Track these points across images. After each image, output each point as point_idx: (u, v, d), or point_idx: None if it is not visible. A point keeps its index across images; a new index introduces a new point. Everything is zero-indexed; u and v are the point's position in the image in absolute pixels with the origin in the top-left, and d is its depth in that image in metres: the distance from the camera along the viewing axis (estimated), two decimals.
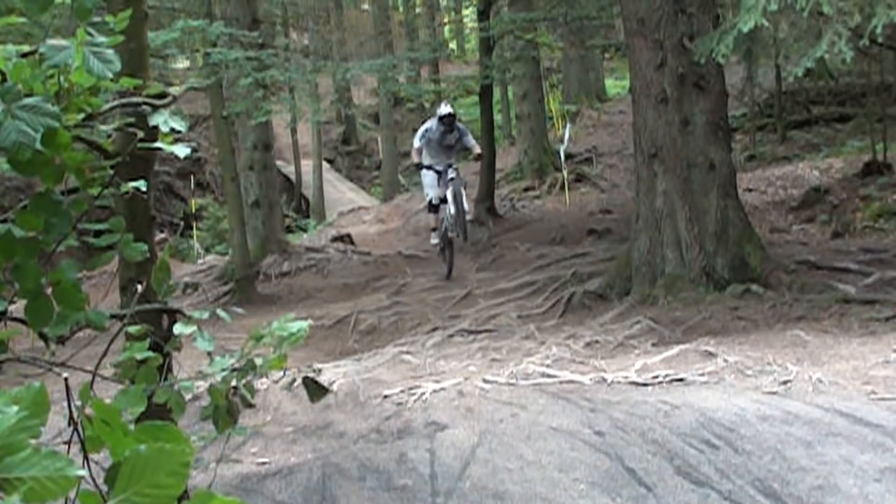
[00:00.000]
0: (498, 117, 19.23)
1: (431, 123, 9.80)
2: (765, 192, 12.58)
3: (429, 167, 9.74)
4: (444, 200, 9.71)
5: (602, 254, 10.32)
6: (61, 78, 1.71)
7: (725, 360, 5.68)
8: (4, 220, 1.72)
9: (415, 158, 9.86)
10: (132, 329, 1.93)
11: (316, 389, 2.14)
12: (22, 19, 1.90)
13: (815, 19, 6.50)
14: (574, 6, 13.38)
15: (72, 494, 1.10)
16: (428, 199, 10.06)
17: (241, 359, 1.97)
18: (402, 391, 5.55)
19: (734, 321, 7.09)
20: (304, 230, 18.66)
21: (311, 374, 2.14)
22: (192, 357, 3.27)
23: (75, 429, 1.32)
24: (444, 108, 9.84)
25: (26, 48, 1.73)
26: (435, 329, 8.36)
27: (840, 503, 3.52)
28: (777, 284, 7.78)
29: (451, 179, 9.60)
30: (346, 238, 14.29)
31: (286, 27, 18.91)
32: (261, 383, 5.42)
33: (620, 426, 4.42)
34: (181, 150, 1.89)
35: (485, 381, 5.65)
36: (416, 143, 9.77)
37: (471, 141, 10.02)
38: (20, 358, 1.80)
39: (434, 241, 10.32)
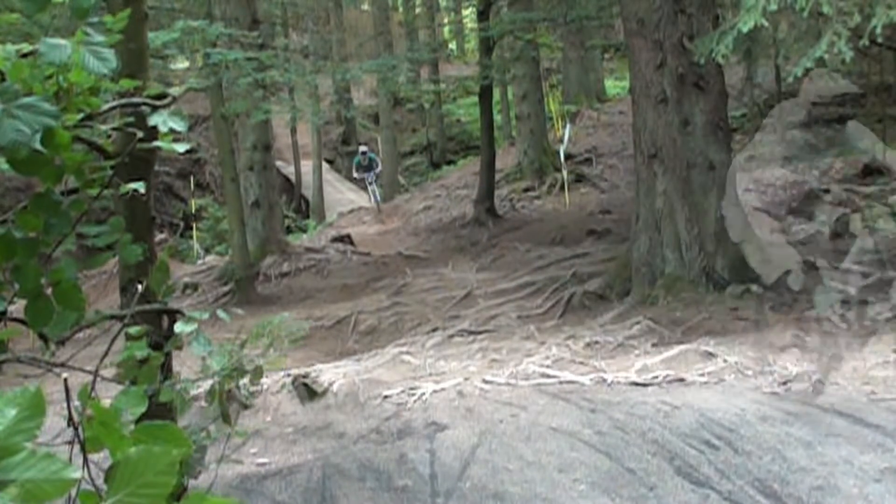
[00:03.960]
0: (498, 117, 19.21)
1: None
2: (765, 192, 12.57)
3: None
4: None
5: (602, 254, 10.32)
6: (60, 78, 1.70)
7: (725, 360, 5.68)
8: (4, 221, 1.72)
9: None
10: (132, 329, 1.93)
11: (307, 392, 2.14)
12: (21, 17, 1.90)
13: (815, 19, 6.49)
14: (574, 6, 13.37)
15: (73, 494, 1.10)
16: None
17: (238, 359, 1.96)
18: (402, 391, 5.55)
19: (734, 321, 7.08)
20: (304, 231, 18.65)
21: (303, 378, 2.14)
22: (194, 357, 3.27)
23: (75, 430, 1.32)
24: None
25: (26, 48, 1.72)
26: (435, 329, 8.35)
27: None
28: (777, 284, 7.78)
29: None
30: (345, 238, 14.29)
31: (286, 27, 18.90)
32: (261, 383, 5.41)
33: (620, 426, 4.42)
34: (179, 146, 1.89)
35: (485, 381, 5.64)
36: None
37: None
38: (20, 358, 1.80)
39: None
